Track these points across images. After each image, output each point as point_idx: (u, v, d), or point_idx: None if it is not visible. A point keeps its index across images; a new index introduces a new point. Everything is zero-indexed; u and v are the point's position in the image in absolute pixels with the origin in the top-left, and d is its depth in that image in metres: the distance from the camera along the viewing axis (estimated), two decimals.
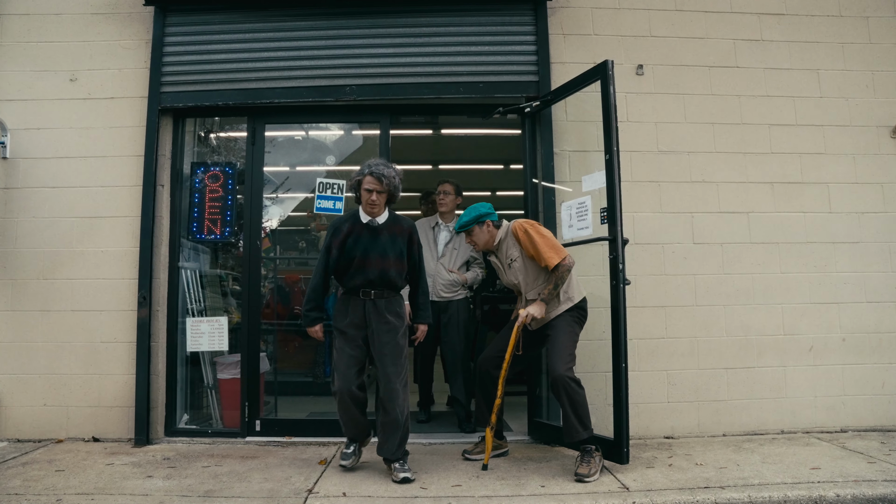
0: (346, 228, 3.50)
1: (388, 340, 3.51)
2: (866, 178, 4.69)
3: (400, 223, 3.61)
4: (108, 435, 4.43)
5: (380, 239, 3.50)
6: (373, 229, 3.52)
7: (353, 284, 3.52)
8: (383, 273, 3.49)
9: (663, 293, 4.52)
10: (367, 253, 3.47)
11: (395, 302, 3.60)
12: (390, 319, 3.54)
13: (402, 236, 3.58)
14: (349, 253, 3.48)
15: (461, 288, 4.84)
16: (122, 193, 4.58)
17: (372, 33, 4.71)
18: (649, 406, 4.44)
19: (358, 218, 3.55)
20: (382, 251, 3.49)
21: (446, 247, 4.88)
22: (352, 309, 3.53)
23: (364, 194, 3.46)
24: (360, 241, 3.48)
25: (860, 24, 4.86)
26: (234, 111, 4.87)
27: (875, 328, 4.58)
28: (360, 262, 3.47)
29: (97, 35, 4.70)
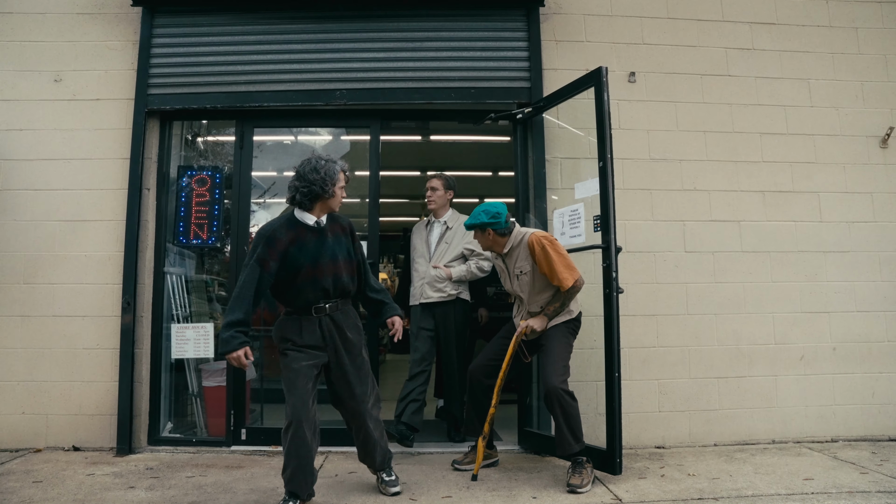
0: (287, 236, 2.99)
1: (353, 359, 3.14)
2: (856, 187, 4.70)
3: (338, 221, 3.22)
4: (89, 444, 4.32)
5: (327, 241, 3.08)
6: (319, 231, 3.08)
7: (304, 300, 3.03)
8: (336, 280, 3.07)
9: (655, 302, 4.50)
10: (316, 260, 3.02)
11: (351, 313, 3.22)
12: (351, 336, 3.15)
13: (345, 234, 3.20)
14: (294, 263, 2.98)
15: (450, 285, 4.46)
16: (106, 197, 4.49)
17: (363, 37, 4.67)
18: (640, 415, 4.40)
19: (298, 221, 3.05)
20: (332, 255, 3.07)
21: (438, 244, 4.60)
22: (306, 329, 3.05)
23: (339, 192, 3.10)
24: (305, 247, 3.01)
25: (850, 34, 4.88)
26: (223, 114, 4.80)
27: (865, 337, 4.58)
28: (310, 272, 3.00)
29: (83, 35, 4.61)
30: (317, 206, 3.06)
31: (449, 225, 4.62)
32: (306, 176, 2.99)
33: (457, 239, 4.53)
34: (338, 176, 3.07)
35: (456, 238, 4.54)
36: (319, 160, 3.02)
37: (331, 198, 3.05)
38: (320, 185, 2.99)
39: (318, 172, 3.00)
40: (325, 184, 3.00)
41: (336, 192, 3.07)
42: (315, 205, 3.05)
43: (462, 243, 4.51)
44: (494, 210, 3.70)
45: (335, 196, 3.07)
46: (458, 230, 4.55)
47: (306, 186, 2.99)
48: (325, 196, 3.02)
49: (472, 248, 4.45)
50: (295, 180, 3.03)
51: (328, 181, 3.01)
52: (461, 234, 4.52)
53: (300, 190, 3.00)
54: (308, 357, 3.02)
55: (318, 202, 3.05)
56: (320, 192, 3.00)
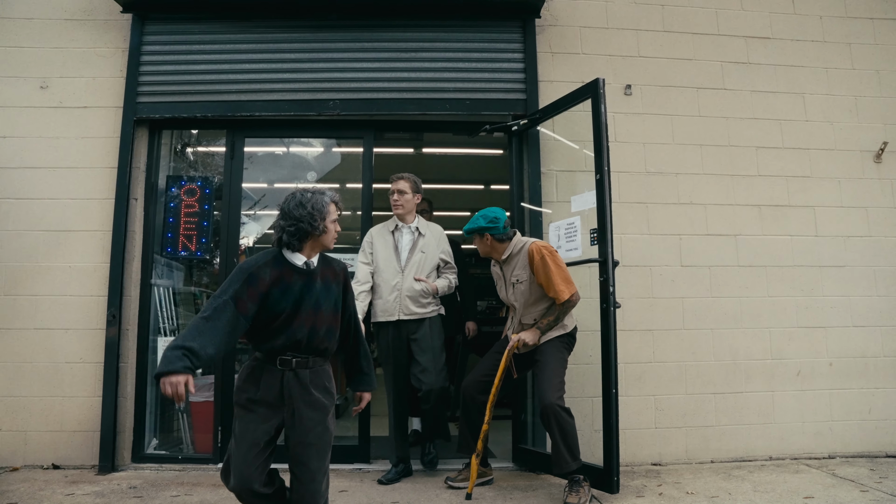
0: (271, 275, 2.55)
1: (315, 426, 2.58)
2: (851, 201, 4.69)
3: (332, 265, 2.75)
4: (70, 462, 4.18)
5: (314, 287, 2.63)
6: (308, 275, 2.63)
7: (271, 346, 2.56)
8: (312, 333, 2.59)
9: (651, 316, 4.45)
10: (298, 306, 2.57)
11: (322, 373, 2.67)
12: (317, 397, 2.60)
13: (337, 282, 2.73)
14: (274, 307, 2.54)
15: (432, 300, 4.14)
16: (92, 206, 4.39)
17: (357, 47, 4.62)
18: (637, 432, 4.33)
19: (284, 260, 2.61)
20: (316, 303, 2.62)
21: (411, 252, 4.15)
22: (265, 381, 2.56)
23: (331, 227, 2.66)
24: (289, 290, 2.56)
25: (843, 49, 4.90)
26: (213, 124, 4.72)
27: (861, 353, 4.55)
28: (288, 319, 2.56)
29: (71, 42, 4.53)
30: (307, 245, 2.63)
31: (422, 232, 4.21)
32: (292, 213, 2.59)
33: (431, 248, 4.17)
34: (328, 208, 2.65)
35: (430, 247, 4.17)
36: (305, 193, 2.63)
37: (322, 234, 2.63)
38: (308, 221, 2.58)
39: (305, 207, 2.58)
40: (314, 219, 2.59)
41: (328, 228, 2.64)
42: (305, 244, 2.63)
43: (437, 252, 4.18)
44: (493, 215, 3.66)
45: (327, 232, 2.65)
46: (431, 238, 4.21)
47: (293, 225, 2.58)
48: (314, 233, 2.60)
49: (447, 259, 4.22)
50: (280, 219, 2.62)
51: (317, 216, 2.59)
52: (435, 242, 4.20)
53: (286, 230, 2.59)
54: (261, 425, 2.52)
55: (308, 241, 2.63)
56: (309, 229, 2.58)
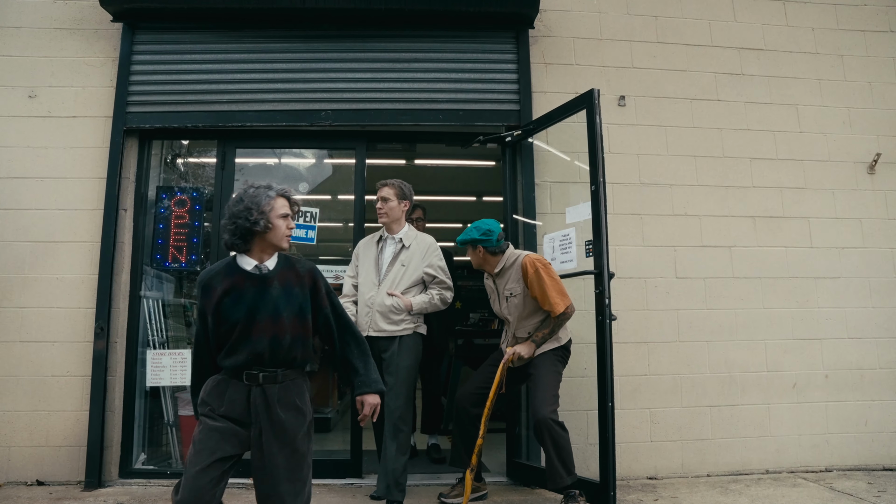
0: (222, 284, 2.35)
1: (283, 447, 2.33)
2: (846, 213, 4.69)
3: (295, 267, 2.48)
4: (55, 478, 4.08)
5: (269, 292, 2.37)
6: (261, 279, 2.38)
7: (234, 362, 2.34)
8: (276, 343, 2.34)
9: (646, 329, 4.41)
10: (252, 314, 2.34)
11: (293, 388, 2.41)
12: (283, 417, 2.34)
13: (301, 285, 2.45)
14: (228, 317, 2.34)
15: (407, 317, 3.77)
16: (81, 217, 4.32)
17: (350, 57, 4.59)
18: (632, 446, 4.29)
19: (236, 266, 2.40)
20: (274, 310, 2.36)
21: (391, 265, 3.87)
22: (230, 396, 2.35)
23: (278, 223, 2.41)
24: (242, 298, 2.34)
25: (836, 61, 4.91)
26: (204, 134, 4.67)
27: (857, 365, 4.53)
28: (244, 330, 2.33)
29: (60, 51, 4.48)
30: (254, 245, 2.40)
31: (405, 243, 3.90)
32: (230, 209, 2.38)
33: (415, 261, 3.85)
34: (270, 202, 2.38)
35: (414, 260, 3.85)
36: (248, 188, 2.42)
37: (266, 231, 2.37)
38: (245, 216, 2.33)
39: (242, 202, 2.36)
40: (250, 213, 2.33)
41: (274, 223, 2.38)
42: (252, 244, 2.39)
43: (422, 266, 3.85)
44: (486, 227, 3.62)
45: (273, 228, 2.38)
46: (416, 250, 3.89)
47: (232, 222, 2.35)
48: (256, 230, 2.35)
49: (435, 273, 3.85)
50: (223, 220, 2.41)
51: (253, 209, 2.34)
52: (420, 254, 3.88)
53: (227, 229, 2.37)
54: (221, 437, 2.30)
55: (255, 240, 2.39)
56: (247, 225, 2.33)
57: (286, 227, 2.43)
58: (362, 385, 2.51)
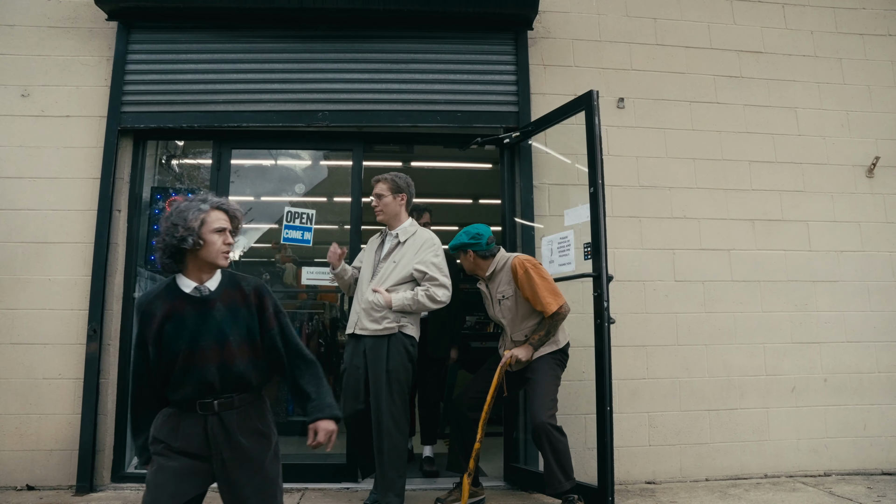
0: (162, 309, 2.12)
1: (252, 476, 2.16)
2: (844, 216, 4.67)
3: (240, 286, 2.25)
4: (46, 482, 4.02)
5: (213, 315, 2.15)
6: (201, 302, 2.16)
7: (183, 395, 2.12)
8: (225, 370, 2.13)
9: (644, 332, 4.38)
10: (195, 341, 2.11)
11: (253, 411, 2.22)
12: (246, 444, 2.16)
13: (247, 305, 2.23)
14: (170, 346, 2.10)
15: (389, 314, 3.50)
16: (74, 218, 4.27)
17: (347, 58, 4.55)
18: (630, 450, 4.25)
19: (175, 288, 2.17)
20: (219, 335, 2.14)
21: (383, 261, 3.67)
22: (185, 429, 2.13)
23: (212, 238, 2.16)
24: (183, 324, 2.12)
25: (834, 65, 4.91)
26: (200, 134, 4.62)
27: (856, 368, 4.51)
28: (188, 359, 2.10)
29: (54, 49, 4.43)
30: (189, 264, 2.17)
31: (401, 239, 3.70)
32: (160, 227, 2.17)
33: (407, 257, 3.61)
34: (199, 216, 2.14)
35: (406, 256, 3.62)
36: (181, 202, 2.19)
37: (198, 249, 2.13)
38: (171, 234, 2.10)
39: (169, 218, 2.13)
40: (176, 230, 2.09)
41: (207, 239, 2.14)
42: (186, 264, 2.17)
43: (413, 262, 3.59)
44: (475, 231, 3.61)
45: (206, 245, 2.14)
46: (410, 246, 3.67)
47: (163, 241, 2.13)
48: (185, 247, 2.11)
49: (425, 269, 3.57)
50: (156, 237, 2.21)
51: (179, 226, 2.10)
52: (413, 250, 3.64)
53: (158, 247, 2.16)
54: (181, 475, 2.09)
55: (188, 259, 2.16)
56: (175, 242, 2.10)
57: (222, 243, 2.17)
58: (315, 410, 2.25)
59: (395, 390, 3.46)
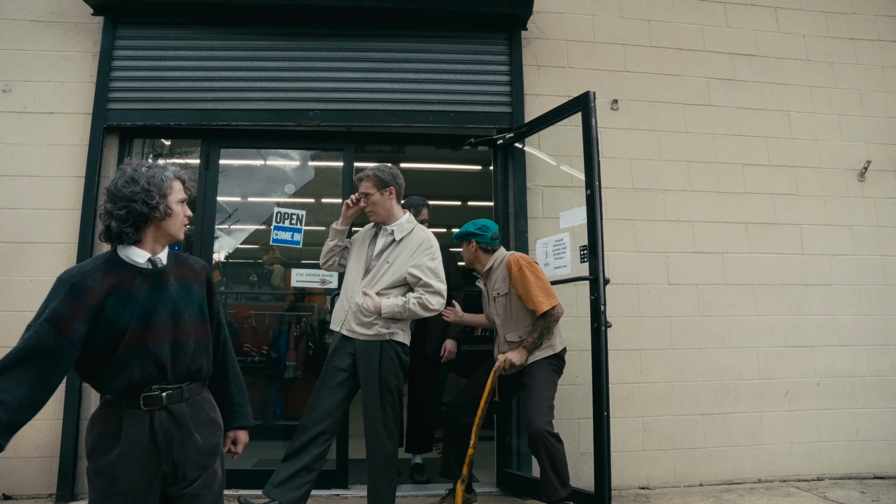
0: (103, 284, 1.85)
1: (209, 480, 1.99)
2: (836, 220, 4.68)
3: (188, 263, 2.11)
4: (24, 491, 3.89)
5: (166, 290, 1.96)
6: (156, 275, 1.96)
7: (126, 382, 1.86)
8: (177, 349, 1.93)
9: (638, 336, 4.35)
10: (148, 317, 1.89)
11: (203, 403, 2.03)
12: (203, 440, 1.97)
13: (198, 282, 2.08)
14: (114, 324, 1.84)
15: (378, 320, 3.25)
16: (57, 217, 4.15)
17: (339, 56, 4.48)
18: (624, 455, 4.21)
19: (121, 261, 1.93)
20: (175, 309, 1.96)
21: (375, 259, 3.39)
22: (128, 432, 1.86)
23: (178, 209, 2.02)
24: (132, 298, 1.88)
25: (826, 68, 4.92)
26: (188, 133, 4.52)
27: (849, 372, 4.51)
28: (138, 337, 1.86)
29: (37, 44, 4.31)
30: (147, 233, 1.97)
31: (396, 237, 3.40)
32: (120, 192, 1.92)
33: (402, 258, 3.34)
34: (169, 184, 2.01)
35: (401, 257, 3.34)
36: (139, 167, 1.99)
37: (165, 218, 1.98)
38: (143, 199, 1.92)
39: (138, 182, 1.94)
40: (151, 196, 1.93)
41: (173, 209, 2.00)
42: (144, 232, 1.97)
43: (407, 265, 3.32)
44: (482, 223, 3.62)
45: (172, 215, 2.01)
46: (405, 246, 3.38)
47: (123, 206, 1.91)
48: (154, 216, 1.95)
49: (420, 275, 3.29)
50: (106, 203, 1.95)
51: (154, 192, 1.95)
52: (409, 251, 3.36)
53: (115, 215, 1.92)
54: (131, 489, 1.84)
55: (149, 227, 1.97)
56: (145, 210, 1.93)
57: (184, 216, 2.05)
58: (239, 417, 2.17)
59: (386, 400, 3.27)
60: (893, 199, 4.78)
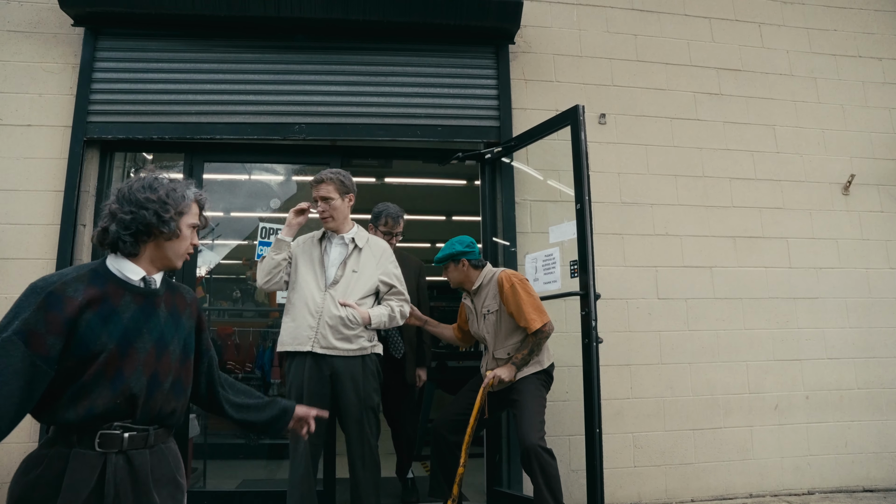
0: (84, 294, 1.59)
1: None
2: (822, 233, 4.70)
3: (180, 292, 1.87)
4: None
5: (157, 315, 1.72)
6: (148, 296, 1.72)
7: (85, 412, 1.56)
8: (154, 385, 1.67)
9: (628, 351, 4.32)
10: (130, 340, 1.63)
11: (170, 456, 1.75)
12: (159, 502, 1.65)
13: (188, 315, 1.85)
14: (89, 342, 1.57)
15: (363, 332, 3.13)
16: (34, 233, 4.03)
17: (325, 69, 4.43)
18: (615, 471, 4.16)
19: (108, 273, 1.69)
20: (161, 339, 1.71)
21: (340, 269, 3.22)
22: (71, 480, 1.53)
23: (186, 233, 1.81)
24: (115, 317, 1.62)
25: (809, 84, 4.97)
26: (171, 147, 4.44)
27: (836, 385, 4.52)
28: (114, 361, 1.59)
29: (14, 55, 4.20)
30: (146, 250, 1.75)
31: (358, 244, 3.28)
32: (134, 196, 1.71)
33: (370, 267, 3.24)
34: (189, 204, 1.80)
35: (370, 266, 3.24)
36: (161, 177, 1.80)
37: (172, 238, 1.76)
38: (156, 211, 1.71)
39: (156, 191, 1.73)
40: (166, 209, 1.72)
41: (183, 232, 1.78)
42: (144, 247, 1.74)
43: (378, 273, 3.25)
44: (468, 240, 3.57)
45: (181, 237, 1.78)
46: (369, 254, 3.29)
47: (132, 211, 1.69)
48: (162, 231, 1.73)
49: (392, 283, 3.27)
50: (113, 204, 1.74)
51: (171, 206, 1.74)
52: (375, 259, 3.28)
53: (118, 217, 1.70)
54: None
55: (150, 243, 1.75)
56: (153, 221, 1.71)
57: (191, 243, 1.84)
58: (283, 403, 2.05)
59: (373, 420, 3.18)
60: (877, 212, 4.82)
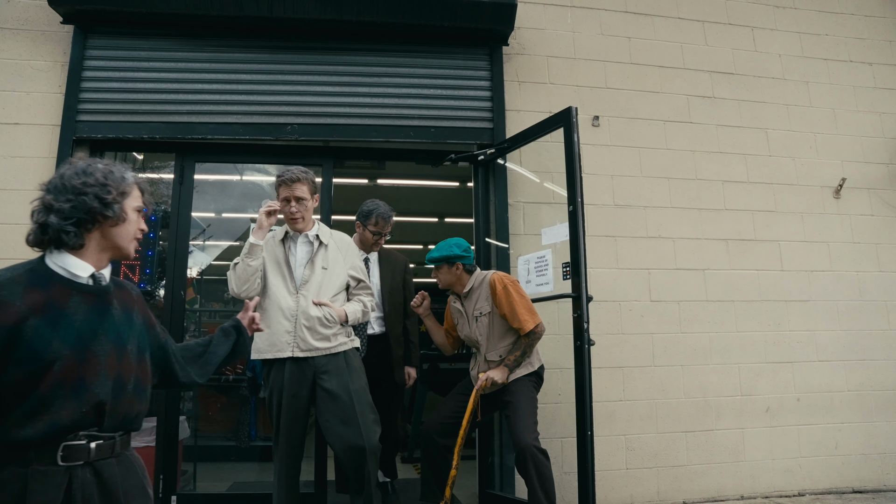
0: (26, 300, 1.46)
1: None
2: (814, 236, 4.72)
3: (125, 287, 1.74)
4: None
5: (111, 314, 1.60)
6: (99, 294, 1.59)
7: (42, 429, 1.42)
8: (119, 389, 1.55)
9: (620, 353, 4.32)
10: (85, 344, 1.50)
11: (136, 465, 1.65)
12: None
13: (136, 311, 1.72)
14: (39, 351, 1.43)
15: (340, 329, 3.12)
16: (22, 233, 3.94)
17: (318, 70, 4.40)
18: (608, 474, 4.16)
19: (49, 273, 1.55)
20: (118, 340, 1.59)
21: (308, 268, 3.15)
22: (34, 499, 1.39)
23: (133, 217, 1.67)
24: (66, 320, 1.49)
25: (801, 88, 4.99)
26: (161, 146, 4.39)
27: (827, 388, 4.53)
28: (72, 369, 1.46)
29: (1, 52, 4.13)
30: (92, 239, 1.59)
31: (324, 241, 3.22)
32: (69, 183, 1.56)
33: (339, 264, 3.22)
34: (130, 185, 1.66)
35: (338, 263, 3.22)
36: (93, 161, 1.63)
37: (119, 223, 1.61)
38: (97, 194, 1.56)
39: (92, 174, 1.57)
40: (107, 190, 1.58)
41: (128, 215, 1.63)
42: (88, 238, 1.58)
43: (346, 269, 3.25)
44: (465, 244, 3.54)
45: (127, 221, 1.63)
46: (337, 249, 3.27)
47: (69, 200, 1.54)
48: (107, 216, 1.58)
49: (360, 276, 3.29)
50: (47, 195, 1.57)
51: (112, 187, 1.59)
52: (343, 254, 3.28)
53: (56, 208, 1.54)
54: None
55: (94, 232, 1.59)
56: (96, 206, 1.56)
57: (139, 228, 1.69)
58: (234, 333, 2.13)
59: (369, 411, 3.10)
60: (867, 216, 4.85)
